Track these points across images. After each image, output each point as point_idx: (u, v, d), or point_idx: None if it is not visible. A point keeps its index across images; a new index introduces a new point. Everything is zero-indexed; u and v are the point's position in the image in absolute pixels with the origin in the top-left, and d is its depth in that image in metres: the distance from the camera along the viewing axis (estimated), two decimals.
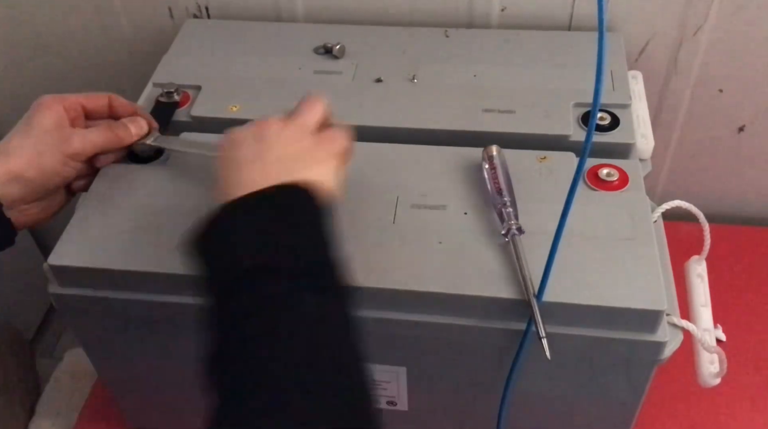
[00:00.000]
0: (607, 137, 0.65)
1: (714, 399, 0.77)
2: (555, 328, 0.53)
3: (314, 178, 0.49)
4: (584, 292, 0.53)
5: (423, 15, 0.84)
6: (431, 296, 0.54)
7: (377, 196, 0.61)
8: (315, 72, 0.74)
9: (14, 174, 0.57)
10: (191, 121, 0.69)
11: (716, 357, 0.57)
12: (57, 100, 0.60)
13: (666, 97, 0.87)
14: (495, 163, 0.60)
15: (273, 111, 0.69)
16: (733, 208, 0.98)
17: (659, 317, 0.53)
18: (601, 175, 0.61)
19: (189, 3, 0.87)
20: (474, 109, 0.68)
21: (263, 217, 0.46)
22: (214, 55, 0.77)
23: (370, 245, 0.57)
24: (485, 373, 0.61)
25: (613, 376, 0.59)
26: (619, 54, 0.74)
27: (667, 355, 0.55)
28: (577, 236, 0.56)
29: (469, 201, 0.60)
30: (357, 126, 0.66)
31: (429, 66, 0.74)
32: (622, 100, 0.68)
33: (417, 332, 0.57)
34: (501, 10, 0.82)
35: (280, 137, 0.51)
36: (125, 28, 0.91)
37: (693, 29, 0.81)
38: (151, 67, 0.75)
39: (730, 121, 0.89)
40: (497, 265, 0.55)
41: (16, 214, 0.59)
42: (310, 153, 0.51)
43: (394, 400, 0.66)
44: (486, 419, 0.60)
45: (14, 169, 0.57)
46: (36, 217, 0.61)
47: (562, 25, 0.82)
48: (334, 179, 0.51)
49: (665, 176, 0.96)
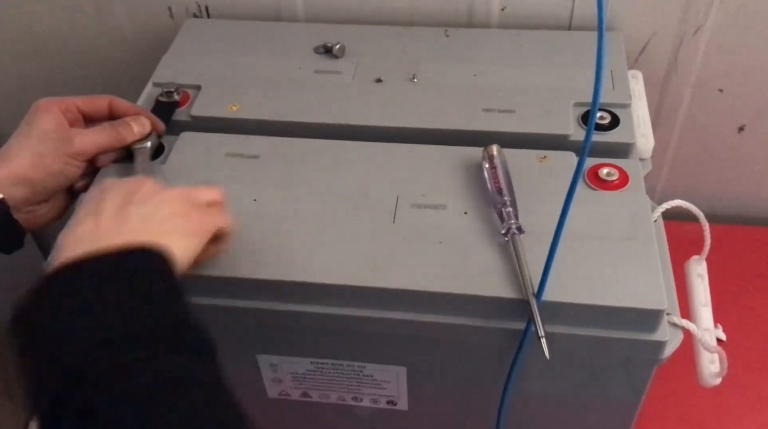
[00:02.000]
0: (607, 137, 0.65)
1: (714, 399, 0.77)
2: (554, 327, 0.53)
3: (172, 245, 0.46)
4: (584, 292, 0.53)
5: (423, 15, 0.84)
6: (431, 296, 0.54)
7: (377, 196, 0.61)
8: (315, 72, 0.74)
9: (18, 176, 0.57)
10: (191, 120, 0.69)
11: (716, 357, 0.57)
12: (54, 102, 0.61)
13: (666, 97, 0.87)
14: (495, 163, 0.60)
15: (273, 110, 0.69)
16: (733, 208, 0.98)
17: (659, 317, 0.53)
18: (601, 175, 0.61)
19: (189, 3, 0.87)
20: (474, 108, 0.68)
21: (110, 280, 0.42)
22: (214, 55, 0.77)
23: (370, 245, 0.57)
24: (485, 372, 0.61)
25: (613, 376, 0.59)
26: (619, 54, 0.74)
27: (668, 355, 0.55)
28: (577, 236, 0.56)
29: (469, 201, 0.60)
30: (357, 126, 0.67)
31: (429, 66, 0.74)
32: (622, 99, 0.68)
33: (417, 332, 0.57)
34: (501, 10, 0.82)
35: (154, 197, 0.49)
36: (125, 28, 0.91)
37: (693, 29, 0.81)
38: (151, 67, 0.75)
39: (730, 121, 0.89)
40: (497, 265, 0.55)
41: (22, 217, 0.59)
42: (179, 220, 0.49)
43: (394, 400, 0.66)
44: (486, 419, 0.60)
45: (18, 171, 0.57)
46: (42, 218, 0.61)
47: (562, 25, 0.82)
48: (190, 254, 0.48)
49: (665, 176, 0.96)
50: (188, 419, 0.38)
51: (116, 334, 0.40)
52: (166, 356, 0.40)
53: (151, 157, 0.65)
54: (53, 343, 0.40)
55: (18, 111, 0.61)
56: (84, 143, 0.61)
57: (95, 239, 0.45)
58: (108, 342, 0.40)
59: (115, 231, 0.46)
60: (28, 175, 0.58)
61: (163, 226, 0.48)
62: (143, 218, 0.47)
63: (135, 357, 0.40)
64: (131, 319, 0.41)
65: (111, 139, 0.62)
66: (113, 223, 0.47)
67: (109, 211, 0.48)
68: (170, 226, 0.48)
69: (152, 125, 0.65)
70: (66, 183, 0.61)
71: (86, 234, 0.46)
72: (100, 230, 0.46)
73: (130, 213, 0.47)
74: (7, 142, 0.59)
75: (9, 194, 0.57)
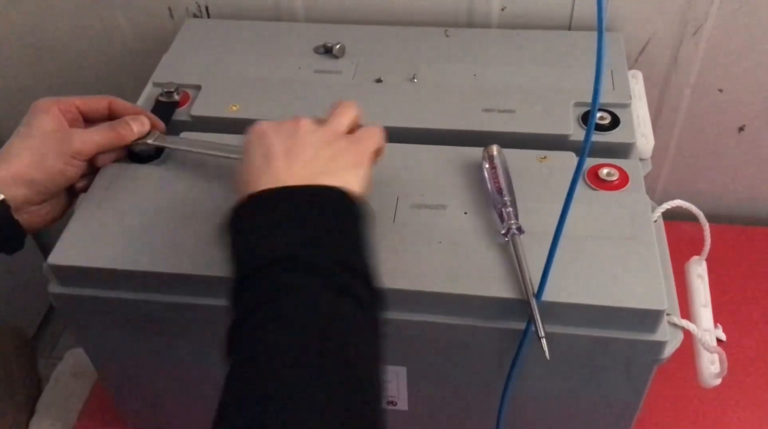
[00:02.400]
0: (607, 137, 0.65)
1: (714, 399, 0.76)
2: (554, 327, 0.53)
3: (346, 182, 0.48)
4: (584, 292, 0.53)
5: (423, 15, 0.84)
6: (431, 296, 0.54)
7: (377, 196, 0.60)
8: (315, 71, 0.74)
9: (19, 176, 0.57)
10: (191, 120, 0.69)
11: (717, 357, 0.57)
12: (53, 102, 0.61)
13: (666, 97, 0.87)
14: (495, 163, 0.60)
15: (273, 110, 0.69)
16: (733, 208, 0.98)
17: (659, 317, 0.53)
18: (601, 175, 0.61)
19: (189, 3, 0.87)
20: (474, 108, 0.68)
21: (303, 210, 0.46)
22: (214, 55, 0.77)
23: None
24: (485, 372, 0.61)
25: (613, 376, 0.59)
26: (619, 54, 0.74)
27: (668, 355, 0.55)
28: (577, 236, 0.56)
29: (469, 201, 0.60)
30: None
31: (429, 66, 0.74)
32: (622, 99, 0.68)
33: (417, 332, 0.57)
34: (501, 10, 0.82)
35: (313, 137, 0.51)
36: (125, 28, 0.91)
37: (693, 29, 0.81)
38: (151, 67, 0.75)
39: (730, 121, 0.89)
40: (497, 265, 0.55)
41: (23, 217, 0.59)
42: (343, 156, 0.51)
43: (394, 400, 0.66)
44: (486, 419, 0.60)
45: (18, 171, 0.57)
46: (42, 219, 0.61)
47: (562, 25, 0.82)
48: (363, 182, 0.51)
49: (665, 176, 0.96)
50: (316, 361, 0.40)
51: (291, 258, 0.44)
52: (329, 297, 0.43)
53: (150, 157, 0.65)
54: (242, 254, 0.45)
55: (18, 111, 0.61)
56: (84, 143, 0.61)
57: (275, 180, 0.47)
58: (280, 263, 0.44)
59: (288, 173, 0.48)
60: (28, 176, 0.58)
61: (331, 167, 0.49)
62: (309, 162, 0.49)
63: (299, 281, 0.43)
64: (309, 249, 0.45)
65: (111, 138, 0.62)
66: (284, 166, 0.49)
67: (278, 153, 0.49)
68: (336, 165, 0.50)
69: (152, 125, 0.65)
70: (66, 183, 0.61)
71: (263, 173, 0.48)
72: (275, 173, 0.48)
73: (296, 158, 0.49)
74: (7, 143, 0.59)
75: (10, 194, 0.57)
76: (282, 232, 0.45)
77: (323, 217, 0.46)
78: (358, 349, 0.42)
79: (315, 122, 0.52)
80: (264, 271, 0.44)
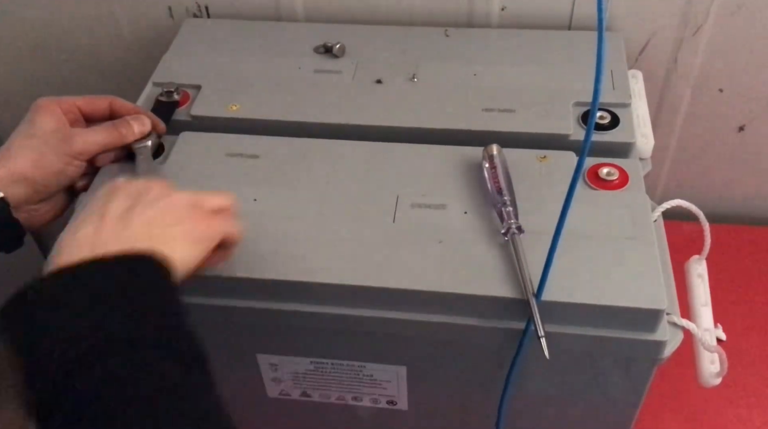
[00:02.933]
0: (607, 136, 0.65)
1: (714, 399, 0.77)
2: (554, 327, 0.53)
3: (176, 252, 0.46)
4: (584, 292, 0.53)
5: (423, 15, 0.84)
6: (431, 296, 0.54)
7: (377, 196, 0.61)
8: (315, 71, 0.74)
9: (19, 175, 0.57)
10: (191, 120, 0.69)
11: (717, 357, 0.57)
12: (54, 101, 0.61)
13: (666, 96, 0.87)
14: (495, 163, 0.60)
15: (273, 110, 0.69)
16: (733, 208, 0.98)
17: (659, 316, 0.53)
18: (601, 175, 0.61)
19: (189, 3, 0.87)
20: (474, 108, 0.68)
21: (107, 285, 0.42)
22: (214, 55, 0.77)
23: (370, 245, 0.57)
24: (485, 372, 0.61)
25: (613, 376, 0.59)
26: (619, 53, 0.74)
27: (667, 355, 0.55)
28: (576, 235, 0.56)
29: (469, 200, 0.60)
30: (357, 126, 0.67)
31: (429, 65, 0.74)
32: (622, 99, 0.68)
33: (417, 332, 0.57)
34: (501, 10, 0.82)
35: (163, 201, 0.48)
36: (125, 28, 0.91)
37: (693, 29, 0.81)
38: (151, 67, 0.75)
39: (730, 121, 0.89)
40: (497, 265, 0.55)
41: (22, 216, 0.59)
42: (184, 226, 0.48)
43: (394, 400, 0.66)
44: (486, 419, 0.60)
45: (19, 170, 0.57)
46: (42, 218, 0.61)
47: (562, 25, 0.82)
48: (195, 261, 0.48)
49: (665, 176, 0.96)
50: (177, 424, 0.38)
51: (107, 340, 0.40)
52: (157, 364, 0.40)
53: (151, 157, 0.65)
54: (44, 344, 0.40)
55: (18, 111, 0.61)
56: (85, 142, 0.61)
57: (95, 243, 0.44)
58: (98, 348, 0.39)
59: (116, 235, 0.45)
60: (28, 174, 0.58)
61: (167, 232, 0.47)
62: (147, 223, 0.46)
63: (125, 363, 0.39)
64: (124, 326, 0.41)
65: (112, 138, 0.62)
66: (115, 227, 0.46)
67: (114, 213, 0.47)
68: (174, 232, 0.47)
69: (152, 125, 0.65)
70: (66, 182, 0.61)
71: (87, 237, 0.45)
72: (101, 233, 0.45)
73: (133, 217, 0.46)
74: (7, 141, 0.59)
75: (10, 193, 0.57)
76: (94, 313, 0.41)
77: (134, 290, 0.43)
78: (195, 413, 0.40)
79: (182, 192, 0.49)
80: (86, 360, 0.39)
